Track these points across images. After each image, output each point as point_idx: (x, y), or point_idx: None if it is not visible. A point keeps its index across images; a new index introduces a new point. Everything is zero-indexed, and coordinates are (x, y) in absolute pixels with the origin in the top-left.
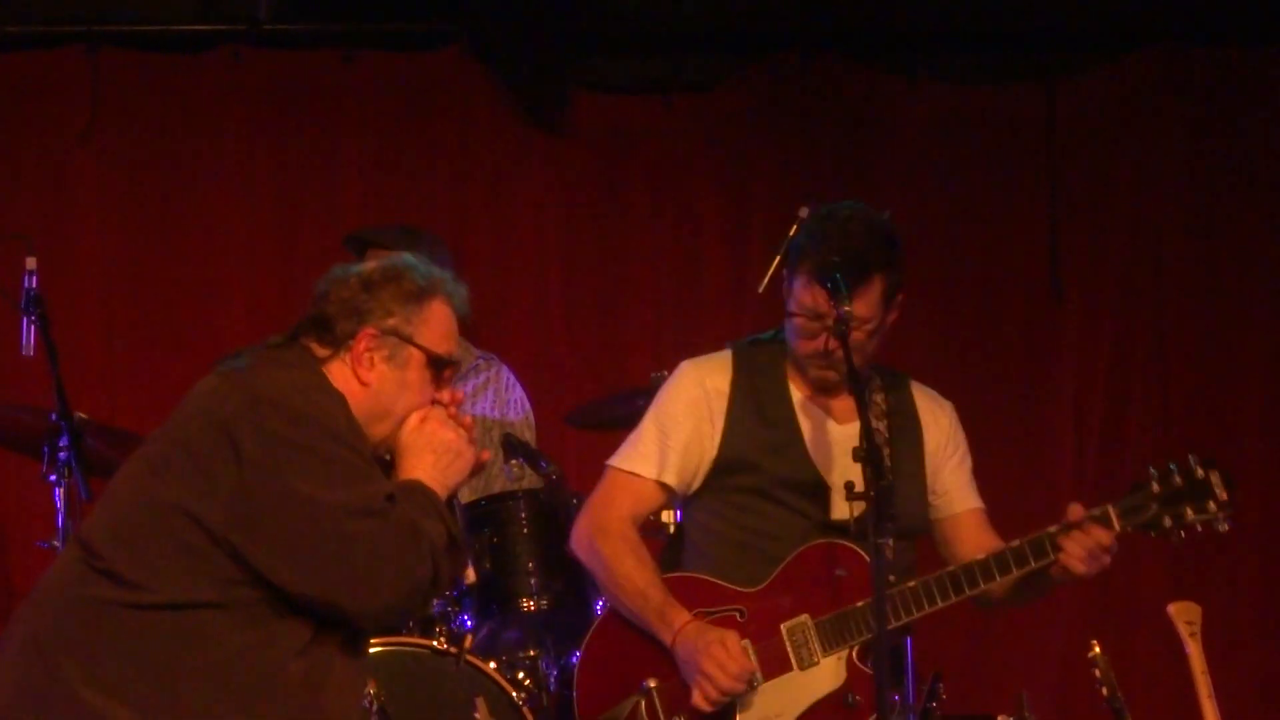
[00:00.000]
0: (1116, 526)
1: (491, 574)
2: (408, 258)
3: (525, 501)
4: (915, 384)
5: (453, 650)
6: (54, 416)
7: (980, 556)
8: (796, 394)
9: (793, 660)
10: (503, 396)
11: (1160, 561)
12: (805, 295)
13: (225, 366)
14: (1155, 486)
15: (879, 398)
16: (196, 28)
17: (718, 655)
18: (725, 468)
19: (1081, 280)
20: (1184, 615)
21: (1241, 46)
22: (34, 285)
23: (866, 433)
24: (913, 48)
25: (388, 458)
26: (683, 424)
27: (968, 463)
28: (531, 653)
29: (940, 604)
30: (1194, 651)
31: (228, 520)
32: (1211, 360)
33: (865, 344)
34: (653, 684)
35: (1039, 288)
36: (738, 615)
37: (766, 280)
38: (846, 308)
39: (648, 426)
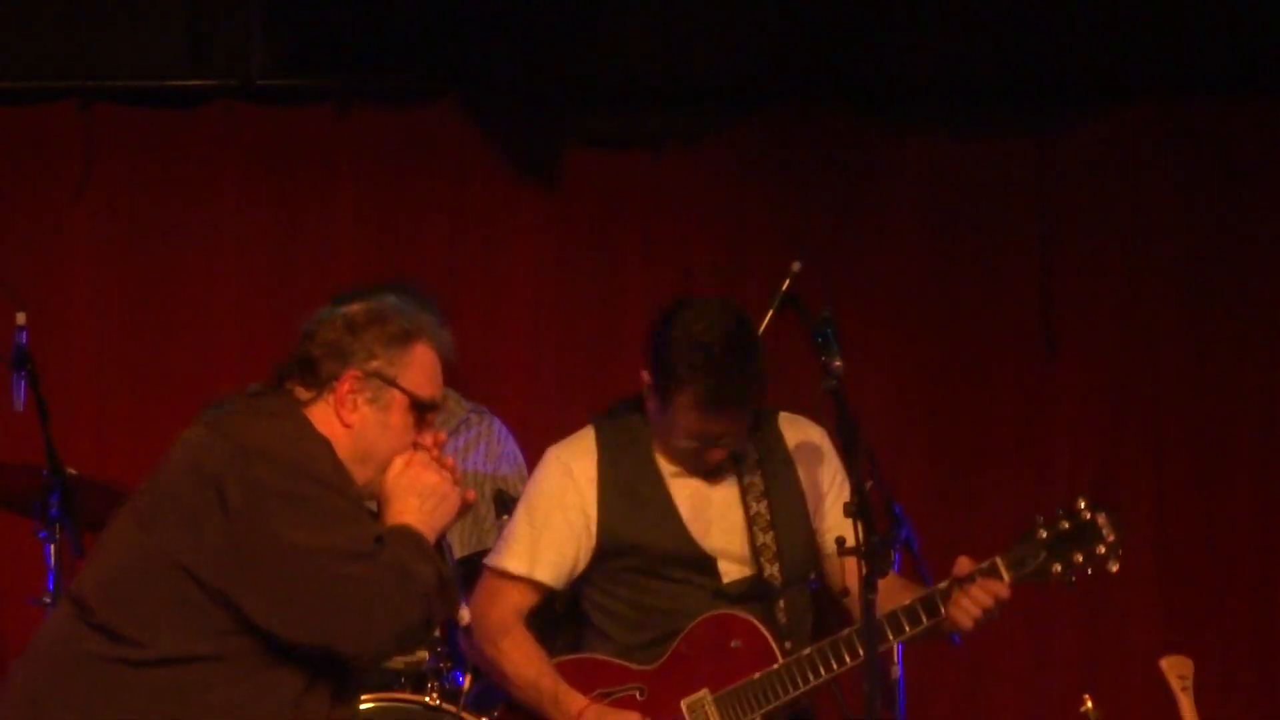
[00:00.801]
0: (1005, 578)
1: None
2: (393, 300)
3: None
4: (783, 416)
5: (446, 707)
6: (45, 473)
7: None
8: (665, 464)
9: None
10: (494, 450)
11: (1152, 615)
12: (687, 420)
13: (209, 415)
14: (1042, 533)
15: (749, 448)
16: (189, 83)
17: None
18: (606, 552)
19: (1075, 334)
20: (1176, 669)
21: (1233, 98)
22: (24, 341)
23: (857, 486)
24: (905, 100)
25: (374, 507)
26: (552, 517)
27: (846, 485)
28: None
29: (837, 668)
30: (1186, 706)
31: (217, 571)
32: (1206, 412)
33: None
34: None
35: (1032, 341)
36: (637, 694)
37: (760, 333)
38: (837, 362)
39: (520, 520)
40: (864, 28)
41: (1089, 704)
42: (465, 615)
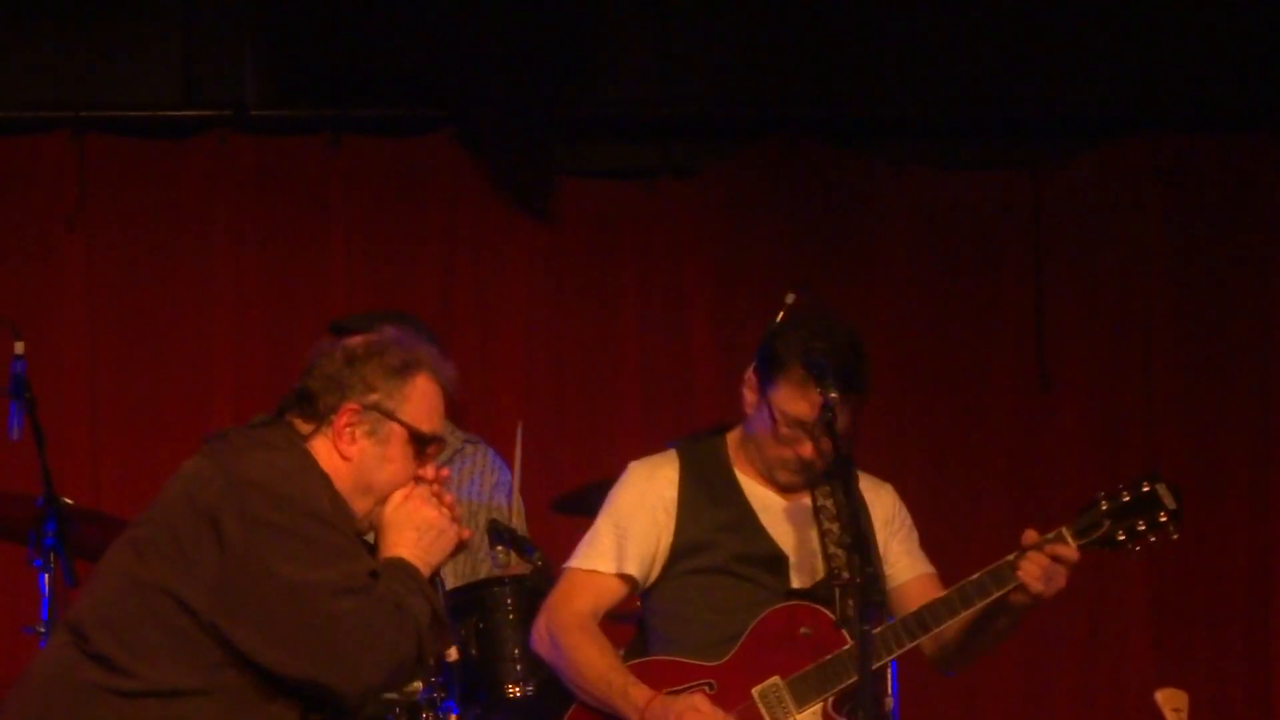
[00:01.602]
0: (1072, 544)
1: (477, 660)
2: (393, 332)
3: (511, 588)
4: (861, 473)
5: None
6: (40, 501)
7: (941, 594)
8: (743, 477)
9: None
10: (489, 480)
11: (1147, 648)
12: (791, 403)
13: (210, 447)
14: (1104, 504)
15: (825, 489)
16: (182, 113)
17: (695, 716)
18: (682, 552)
19: (1069, 367)
20: (1171, 702)
21: (1226, 133)
22: (21, 370)
23: (852, 521)
24: (899, 134)
25: (370, 539)
26: (636, 515)
27: (914, 535)
28: None
29: (908, 643)
30: None
31: (212, 604)
32: (1199, 445)
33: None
34: None
35: (1026, 374)
36: (707, 689)
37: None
38: (833, 394)
39: (602, 524)
40: (858, 61)
41: None
42: (454, 653)
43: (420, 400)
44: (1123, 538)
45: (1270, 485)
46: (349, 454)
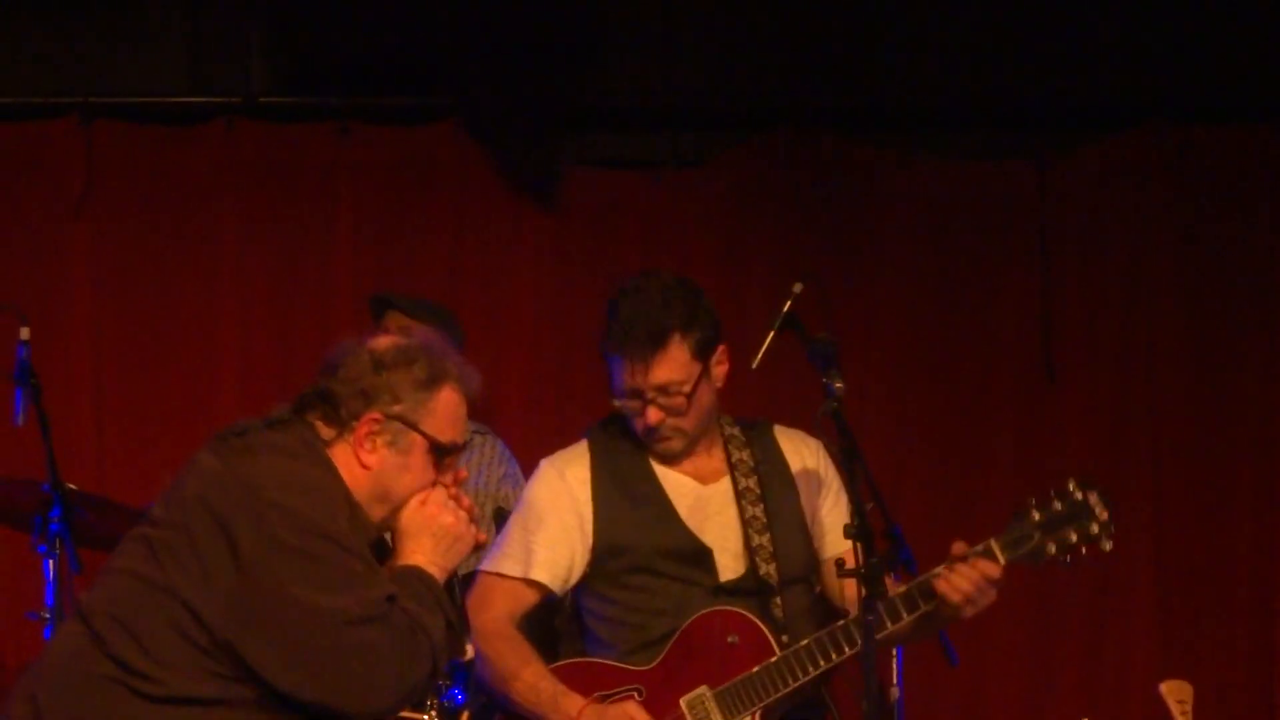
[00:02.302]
0: (1001, 559)
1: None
2: (423, 341)
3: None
4: (779, 429)
5: None
6: (45, 487)
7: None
8: (658, 466)
9: None
10: (496, 471)
11: (1151, 640)
12: (615, 375)
13: (227, 445)
14: (1035, 515)
15: (744, 454)
16: (190, 100)
17: None
18: (604, 553)
19: (1075, 358)
20: (1176, 694)
21: (1232, 123)
22: (27, 356)
23: (857, 508)
24: (905, 124)
25: (387, 538)
26: (546, 520)
27: (843, 500)
28: None
29: (836, 658)
30: None
31: (225, 620)
32: (1204, 436)
33: (686, 405)
34: None
35: (1032, 365)
36: (636, 694)
37: (760, 355)
38: (838, 384)
39: (512, 526)
40: (864, 52)
41: None
42: (470, 651)
43: (444, 412)
44: (1053, 550)
45: (1275, 476)
46: (369, 463)
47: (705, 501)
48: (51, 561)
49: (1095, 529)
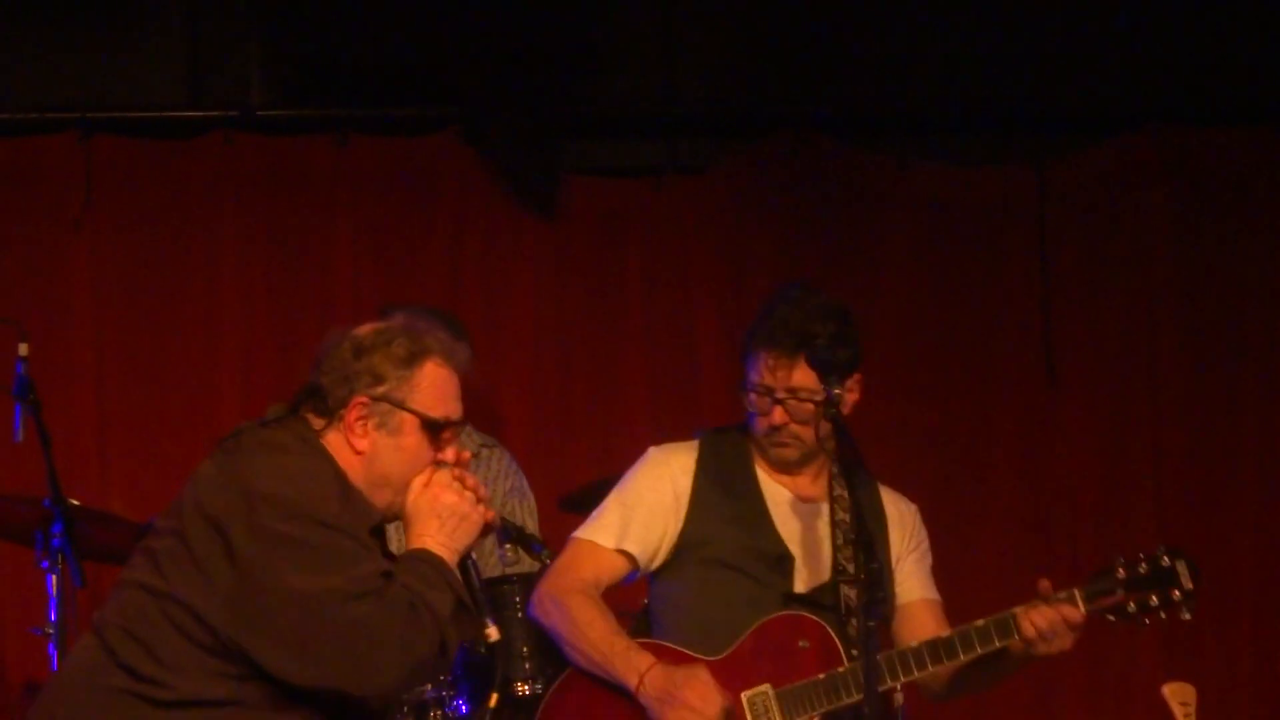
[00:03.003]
0: (1082, 608)
1: (486, 658)
2: (402, 321)
3: (520, 586)
4: (883, 487)
5: None
6: (47, 503)
7: (945, 634)
8: (762, 473)
9: None
10: (503, 485)
11: (1155, 643)
12: (753, 370)
13: (222, 448)
14: (1121, 572)
15: (844, 491)
16: (188, 114)
17: (696, 687)
18: (689, 541)
19: (1075, 360)
20: (1179, 696)
21: (1230, 127)
22: (26, 371)
23: (857, 515)
24: (904, 130)
25: (394, 534)
26: (645, 496)
27: (928, 559)
28: None
29: (903, 678)
30: None
31: (227, 619)
32: (1205, 437)
33: (814, 415)
34: None
35: (1033, 367)
36: None
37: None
38: (837, 390)
39: (611, 500)
40: (863, 58)
41: None
42: (494, 633)
43: (430, 387)
44: (1133, 609)
45: (1277, 477)
46: (361, 447)
47: (800, 513)
48: (54, 577)
49: (1177, 595)
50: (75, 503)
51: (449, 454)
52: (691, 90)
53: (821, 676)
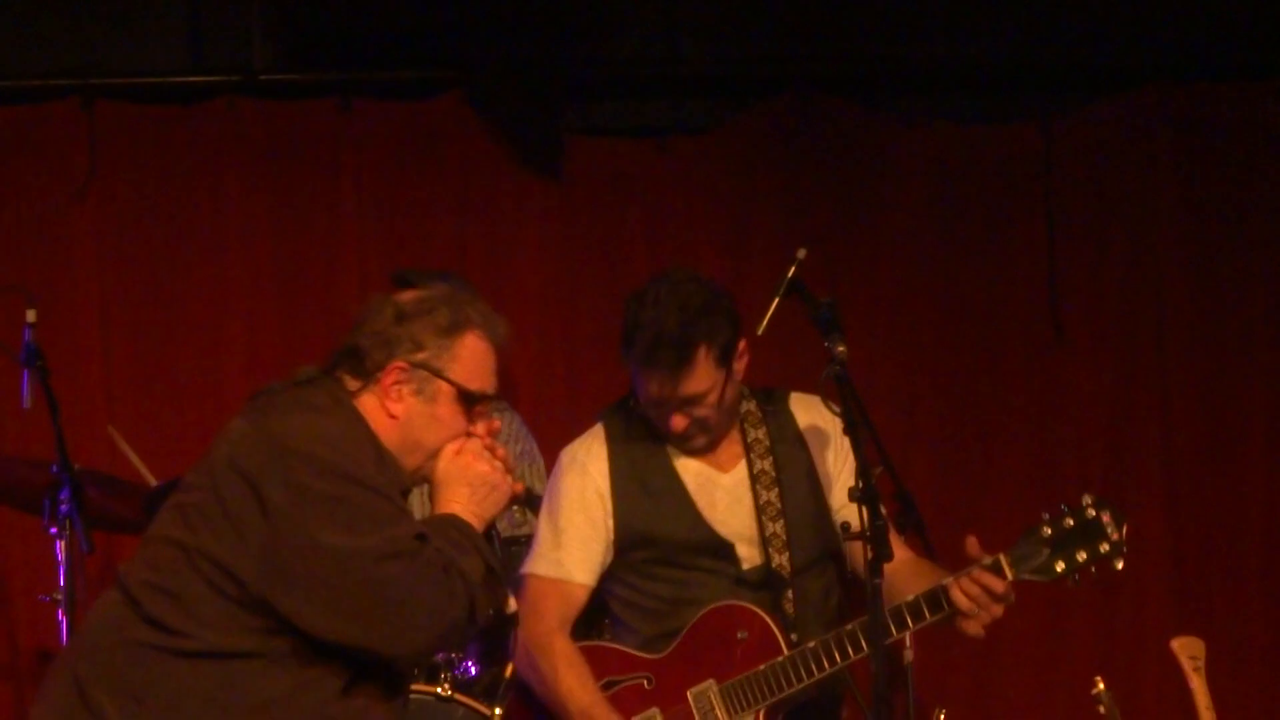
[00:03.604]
0: (1009, 575)
1: (495, 620)
2: (445, 289)
3: (528, 547)
4: (795, 397)
5: (459, 697)
6: (54, 469)
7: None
8: (676, 456)
9: None
10: (513, 448)
11: (1164, 596)
12: (640, 386)
13: (254, 405)
14: (1046, 530)
15: (760, 432)
16: (191, 79)
17: None
18: (626, 544)
19: (1082, 318)
20: (1188, 650)
21: (1237, 82)
22: (33, 338)
23: (863, 471)
24: (909, 88)
25: (426, 491)
26: (574, 519)
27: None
28: None
29: (840, 661)
30: (1198, 687)
31: (259, 574)
32: (1214, 393)
33: (713, 411)
34: None
35: (1039, 326)
36: (645, 683)
37: (765, 322)
38: (841, 348)
39: (544, 527)
40: (869, 17)
41: (1101, 685)
42: (514, 604)
43: (469, 358)
44: (1061, 567)
45: None
46: (395, 412)
47: (723, 491)
48: (62, 543)
49: (1105, 548)
50: (83, 468)
51: (480, 426)
52: (696, 50)
53: (762, 667)
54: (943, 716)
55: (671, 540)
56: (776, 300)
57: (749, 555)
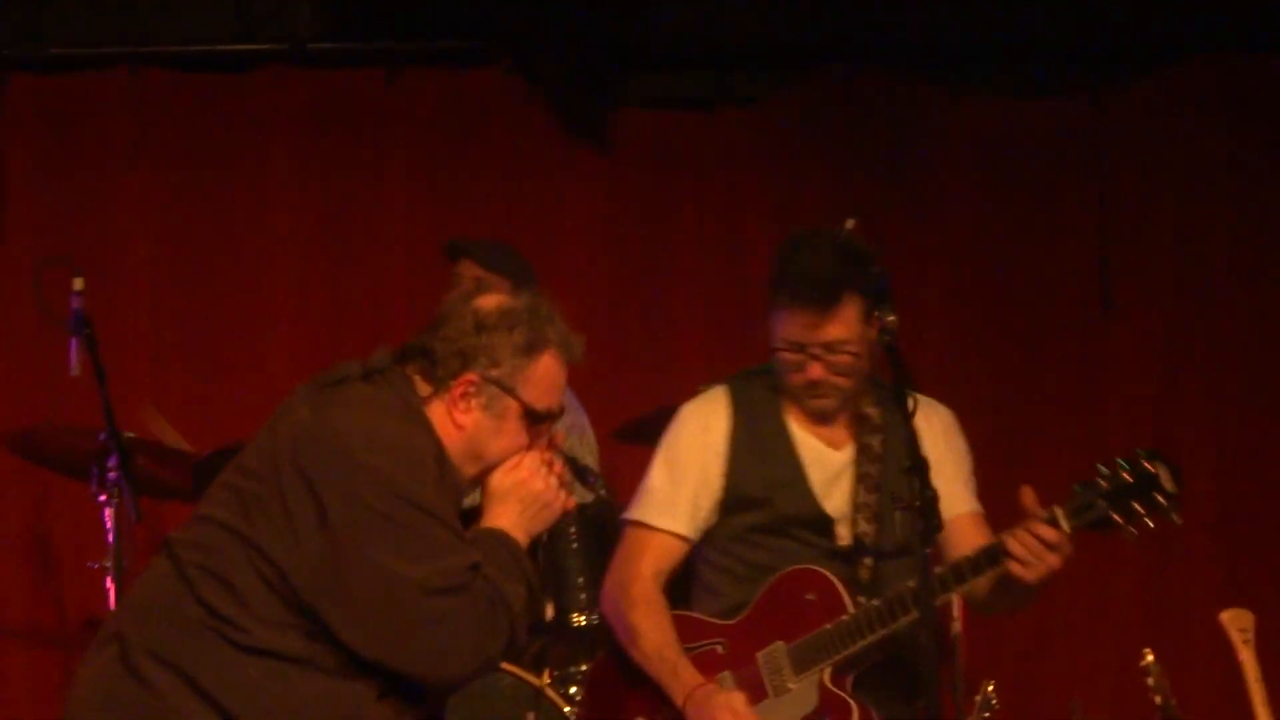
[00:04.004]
0: (1065, 527)
1: (542, 590)
2: (529, 301)
3: (574, 517)
4: (920, 397)
5: (505, 666)
6: (103, 436)
7: (939, 569)
8: (794, 426)
9: (767, 687)
10: (564, 421)
11: (1213, 568)
12: (782, 327)
13: (322, 394)
14: (1102, 483)
15: (873, 412)
16: (239, 48)
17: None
18: (733, 505)
19: (1132, 290)
20: (1237, 623)
21: None
22: (81, 306)
23: (911, 443)
24: (958, 60)
25: (477, 496)
26: (689, 472)
27: (965, 466)
28: (583, 667)
29: (903, 619)
30: (1247, 659)
31: (308, 581)
32: (1263, 364)
33: (852, 365)
34: None
35: (1089, 298)
36: (719, 648)
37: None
38: (891, 318)
39: (657, 476)
40: None
41: (1149, 657)
42: (550, 611)
43: (542, 379)
44: (1119, 519)
45: None
46: (463, 423)
47: (833, 469)
48: (111, 510)
49: (1162, 500)
50: (131, 435)
51: (542, 445)
52: (743, 21)
53: (828, 626)
54: (991, 688)
55: (777, 509)
56: None
57: (845, 533)
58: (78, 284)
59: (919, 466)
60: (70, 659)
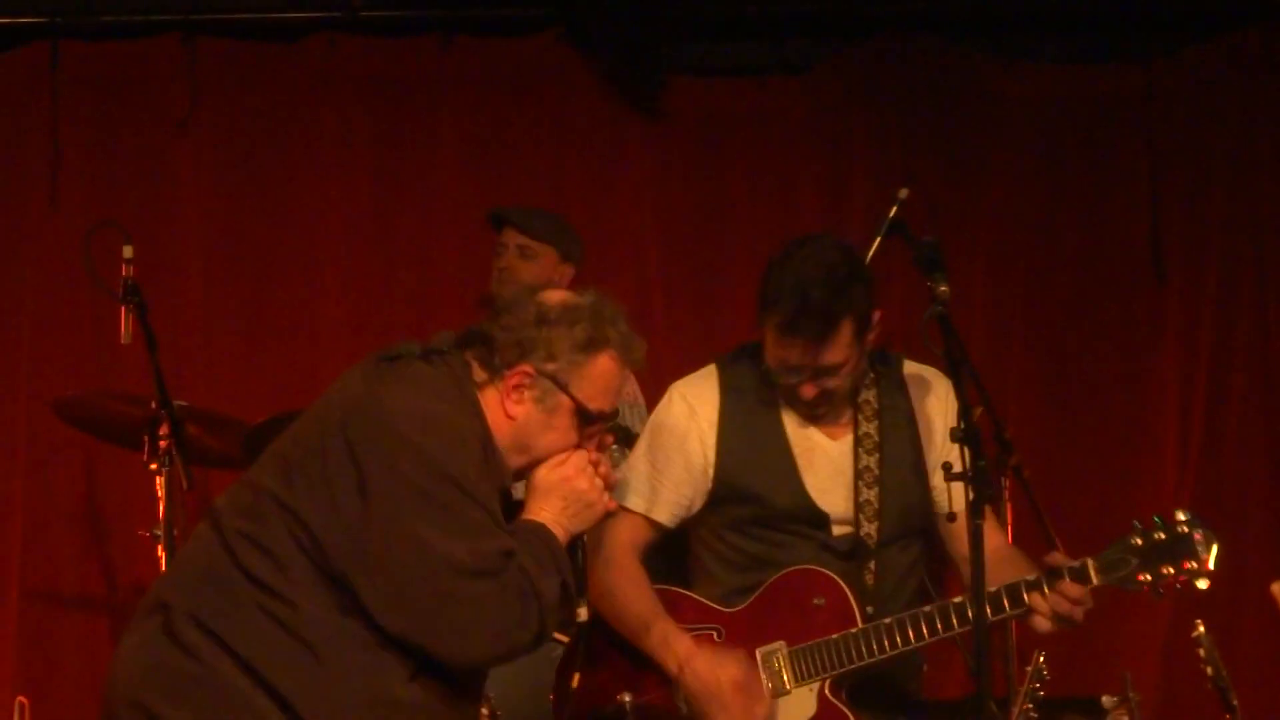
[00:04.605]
0: (1095, 581)
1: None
2: (593, 300)
3: None
4: (909, 365)
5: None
6: (154, 405)
7: (957, 599)
8: (787, 415)
9: (765, 685)
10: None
11: (1265, 540)
12: (777, 351)
13: (378, 369)
14: (1137, 540)
15: (870, 395)
16: (291, 15)
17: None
18: (723, 495)
19: (1184, 260)
20: None
21: None
22: (131, 274)
23: (964, 412)
24: (1010, 28)
25: (521, 490)
26: (674, 459)
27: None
28: None
29: (915, 641)
30: None
31: (342, 549)
32: None
33: (846, 384)
34: (627, 699)
35: (1141, 268)
36: (715, 635)
37: (867, 260)
38: (943, 288)
39: (641, 459)
40: None
41: (1201, 629)
42: (584, 613)
43: (598, 378)
44: (1148, 579)
45: None
46: (514, 413)
47: (828, 460)
48: (161, 479)
49: (1193, 565)
50: (182, 404)
51: (591, 445)
52: None
53: (834, 637)
54: (1042, 659)
55: (768, 504)
56: (878, 240)
57: (841, 525)
58: (128, 252)
59: (971, 436)
60: (120, 627)
